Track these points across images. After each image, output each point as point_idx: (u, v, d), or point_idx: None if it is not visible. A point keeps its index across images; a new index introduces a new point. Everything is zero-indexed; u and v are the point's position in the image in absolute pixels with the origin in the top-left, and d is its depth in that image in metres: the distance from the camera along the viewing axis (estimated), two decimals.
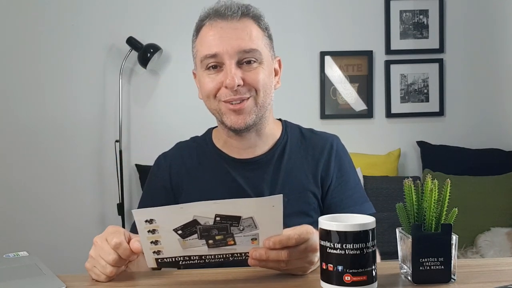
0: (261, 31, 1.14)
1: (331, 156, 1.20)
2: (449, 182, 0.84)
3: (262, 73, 1.12)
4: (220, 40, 1.09)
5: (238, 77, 1.09)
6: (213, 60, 1.10)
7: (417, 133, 3.03)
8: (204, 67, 1.13)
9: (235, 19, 1.11)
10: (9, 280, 0.89)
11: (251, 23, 1.13)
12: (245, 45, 1.09)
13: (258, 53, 1.11)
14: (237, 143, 1.18)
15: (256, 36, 1.12)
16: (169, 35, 2.93)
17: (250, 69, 1.11)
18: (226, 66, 1.10)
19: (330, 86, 3.02)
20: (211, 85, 1.12)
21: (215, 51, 1.09)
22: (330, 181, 1.19)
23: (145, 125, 2.97)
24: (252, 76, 1.11)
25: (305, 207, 1.16)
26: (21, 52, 2.91)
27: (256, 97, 1.12)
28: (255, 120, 1.13)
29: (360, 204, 1.19)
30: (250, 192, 1.15)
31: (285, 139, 1.22)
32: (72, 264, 2.08)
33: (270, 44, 1.17)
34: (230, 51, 1.09)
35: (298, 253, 0.86)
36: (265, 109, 1.15)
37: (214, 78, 1.12)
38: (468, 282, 0.85)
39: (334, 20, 3.01)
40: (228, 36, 1.10)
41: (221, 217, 0.82)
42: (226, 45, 1.09)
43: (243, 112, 1.11)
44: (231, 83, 1.08)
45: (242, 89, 1.10)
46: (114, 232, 0.90)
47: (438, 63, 3.03)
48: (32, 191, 2.90)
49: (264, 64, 1.13)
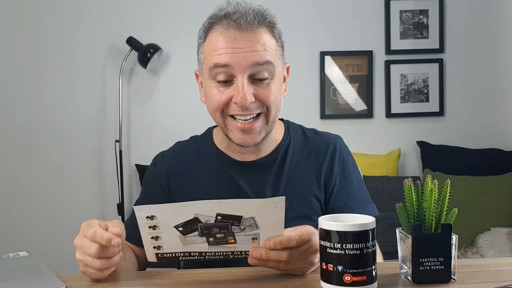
0: (275, 41, 1.08)
1: (334, 158, 1.18)
2: (449, 182, 0.84)
3: (274, 89, 1.07)
4: (232, 51, 1.02)
5: (250, 94, 1.03)
6: (223, 70, 1.04)
7: (417, 133, 3.03)
8: (213, 77, 1.06)
9: (250, 30, 1.03)
10: (9, 280, 0.89)
11: (265, 33, 1.05)
12: (259, 58, 1.03)
13: (272, 66, 1.05)
14: (239, 148, 1.14)
15: (269, 47, 1.06)
16: (169, 35, 2.93)
17: (262, 85, 1.06)
18: (238, 81, 1.03)
19: (330, 86, 3.02)
20: (220, 99, 1.06)
21: (226, 61, 1.03)
22: (334, 183, 1.17)
23: (145, 125, 2.97)
24: (264, 93, 1.05)
25: (308, 211, 1.14)
26: (21, 52, 2.91)
27: (267, 114, 1.07)
28: (264, 137, 1.10)
29: (363, 206, 1.17)
30: (252, 195, 1.13)
31: (287, 141, 1.19)
32: (72, 264, 2.08)
33: (282, 53, 1.12)
34: (243, 63, 1.02)
35: (299, 254, 0.86)
36: (274, 123, 1.11)
37: (223, 91, 1.05)
38: (468, 282, 0.85)
39: (334, 20, 3.01)
40: (241, 48, 1.02)
41: (223, 216, 0.82)
42: (239, 57, 1.02)
43: (252, 132, 1.07)
44: (242, 102, 1.02)
45: (252, 105, 1.05)
46: (88, 226, 0.89)
47: (438, 63, 3.03)
48: (32, 191, 2.90)
49: (275, 78, 1.08)
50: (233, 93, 1.04)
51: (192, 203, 0.81)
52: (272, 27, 1.08)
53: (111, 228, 0.87)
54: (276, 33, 1.09)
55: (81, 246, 0.88)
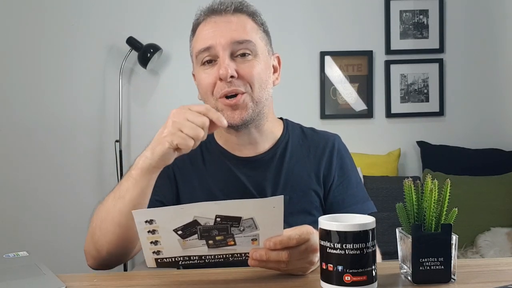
0: (257, 25, 1.14)
1: (333, 155, 1.20)
2: (449, 182, 0.84)
3: (258, 66, 1.11)
4: (214, 34, 1.09)
5: (231, 67, 1.07)
6: (207, 53, 1.10)
7: (417, 133, 3.03)
8: (200, 62, 1.12)
9: (228, 13, 1.11)
10: (9, 280, 0.89)
11: (245, 18, 1.13)
12: (238, 36, 1.09)
13: (252, 45, 1.10)
14: (236, 139, 1.17)
15: (250, 29, 1.12)
16: (169, 35, 2.92)
17: (244, 61, 1.10)
18: (220, 58, 1.09)
19: (330, 86, 3.02)
20: (208, 80, 1.11)
21: (208, 43, 1.09)
22: (332, 179, 1.19)
23: (145, 125, 2.96)
24: (246, 69, 1.09)
25: (307, 206, 1.16)
26: (21, 52, 2.91)
27: (252, 93, 1.10)
28: (252, 115, 1.11)
29: (361, 202, 1.20)
30: (253, 190, 1.14)
31: (286, 138, 1.21)
32: (72, 264, 2.08)
33: (267, 39, 1.16)
34: (223, 42, 1.08)
35: (299, 253, 0.86)
36: (262, 104, 1.13)
37: (209, 73, 1.11)
38: (468, 282, 0.85)
39: (334, 20, 3.01)
40: (221, 29, 1.10)
41: (222, 218, 0.82)
42: (219, 37, 1.09)
43: (238, 107, 1.10)
44: (224, 73, 1.07)
45: (236, 82, 1.09)
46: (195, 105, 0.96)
47: (438, 63, 3.03)
48: (32, 191, 2.90)
49: (259, 58, 1.12)
50: (217, 71, 1.09)
51: (191, 205, 0.81)
52: (253, 15, 1.14)
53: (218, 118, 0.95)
54: (258, 20, 1.15)
55: (187, 113, 0.94)
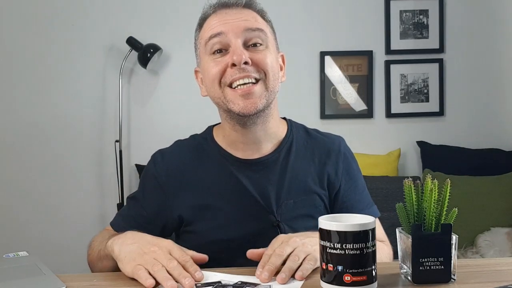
0: (265, 22, 1.13)
1: (338, 159, 1.18)
2: (449, 182, 0.84)
3: (270, 56, 1.09)
4: (225, 22, 1.07)
5: (245, 53, 1.05)
6: (217, 40, 1.07)
7: (417, 133, 3.03)
8: (209, 50, 1.09)
9: (239, 6, 1.10)
10: (9, 280, 0.89)
11: (255, 14, 1.12)
12: (251, 24, 1.08)
13: (264, 34, 1.09)
14: (242, 137, 1.13)
15: (260, 20, 1.11)
16: (169, 35, 2.93)
17: (256, 51, 1.08)
18: (232, 44, 1.06)
19: (330, 86, 3.02)
20: (217, 68, 1.07)
21: (220, 30, 1.06)
22: (339, 185, 1.17)
23: (145, 125, 2.96)
24: (260, 57, 1.07)
25: (311, 210, 1.13)
26: (21, 52, 2.91)
27: (266, 80, 1.07)
28: (265, 105, 1.07)
29: (367, 208, 1.18)
30: (255, 194, 1.11)
31: (290, 138, 1.18)
32: (72, 264, 2.08)
33: (274, 37, 1.15)
34: (236, 29, 1.06)
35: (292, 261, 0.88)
36: (274, 95, 1.10)
37: (219, 61, 1.07)
38: (468, 282, 0.85)
39: (334, 20, 3.01)
40: (232, 18, 1.08)
41: (242, 282, 0.85)
42: (231, 25, 1.07)
43: (252, 96, 1.05)
44: (238, 58, 1.03)
45: (249, 68, 1.05)
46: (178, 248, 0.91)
47: (438, 63, 3.03)
48: (32, 191, 2.90)
49: (270, 49, 1.10)
50: (229, 59, 1.06)
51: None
52: (262, 13, 1.13)
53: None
54: (266, 18, 1.14)
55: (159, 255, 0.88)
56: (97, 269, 1.08)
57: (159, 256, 0.87)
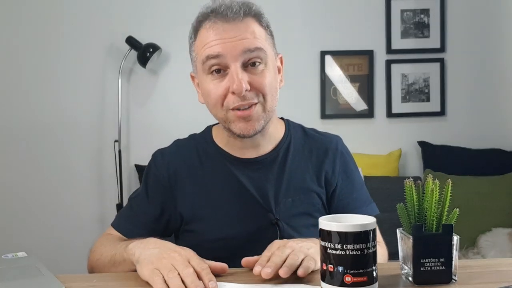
0: (263, 29, 1.10)
1: (336, 158, 1.19)
2: (450, 182, 0.84)
3: (269, 76, 1.08)
4: (223, 41, 1.04)
5: (245, 81, 1.03)
6: (216, 61, 1.05)
7: (418, 133, 3.02)
8: (207, 70, 1.07)
9: (237, 19, 1.05)
10: (8, 280, 0.89)
11: (253, 22, 1.08)
12: (250, 44, 1.05)
13: (263, 52, 1.07)
14: (240, 143, 1.15)
15: (259, 35, 1.07)
16: (169, 35, 2.92)
17: (256, 72, 1.07)
18: (231, 70, 1.04)
19: (330, 86, 3.01)
20: (217, 92, 1.06)
21: (218, 51, 1.04)
22: (336, 183, 1.18)
23: (144, 125, 2.96)
24: (259, 80, 1.06)
25: (309, 208, 1.15)
26: (21, 52, 2.91)
27: (264, 103, 1.08)
28: (263, 125, 1.10)
29: (365, 205, 1.20)
30: (254, 193, 1.13)
31: (288, 139, 1.20)
32: (71, 265, 2.08)
33: (272, 42, 1.14)
34: (234, 52, 1.04)
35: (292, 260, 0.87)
36: (272, 113, 1.12)
37: (218, 84, 1.06)
38: (469, 282, 0.84)
39: (334, 20, 3.01)
40: (230, 37, 1.04)
41: None
42: (230, 46, 1.04)
43: (251, 118, 1.07)
44: (238, 89, 1.03)
45: (249, 94, 1.05)
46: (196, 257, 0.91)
47: (439, 63, 3.03)
48: (31, 191, 2.90)
49: (269, 65, 1.09)
50: (229, 83, 1.05)
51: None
52: (259, 17, 1.10)
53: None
54: (263, 22, 1.11)
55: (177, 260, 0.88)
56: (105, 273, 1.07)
57: (176, 262, 0.87)
